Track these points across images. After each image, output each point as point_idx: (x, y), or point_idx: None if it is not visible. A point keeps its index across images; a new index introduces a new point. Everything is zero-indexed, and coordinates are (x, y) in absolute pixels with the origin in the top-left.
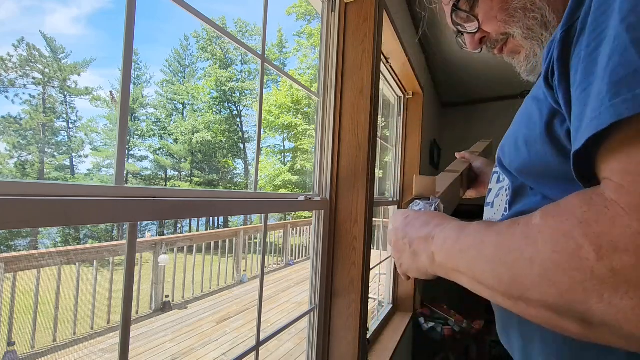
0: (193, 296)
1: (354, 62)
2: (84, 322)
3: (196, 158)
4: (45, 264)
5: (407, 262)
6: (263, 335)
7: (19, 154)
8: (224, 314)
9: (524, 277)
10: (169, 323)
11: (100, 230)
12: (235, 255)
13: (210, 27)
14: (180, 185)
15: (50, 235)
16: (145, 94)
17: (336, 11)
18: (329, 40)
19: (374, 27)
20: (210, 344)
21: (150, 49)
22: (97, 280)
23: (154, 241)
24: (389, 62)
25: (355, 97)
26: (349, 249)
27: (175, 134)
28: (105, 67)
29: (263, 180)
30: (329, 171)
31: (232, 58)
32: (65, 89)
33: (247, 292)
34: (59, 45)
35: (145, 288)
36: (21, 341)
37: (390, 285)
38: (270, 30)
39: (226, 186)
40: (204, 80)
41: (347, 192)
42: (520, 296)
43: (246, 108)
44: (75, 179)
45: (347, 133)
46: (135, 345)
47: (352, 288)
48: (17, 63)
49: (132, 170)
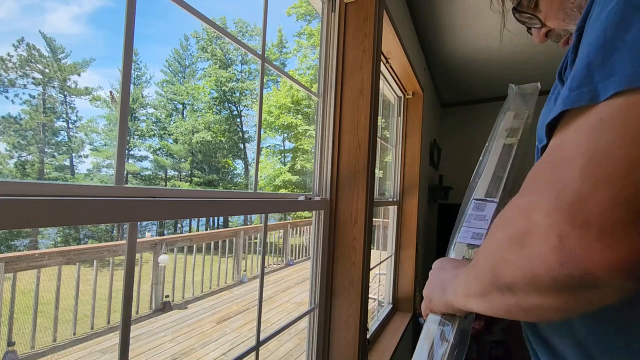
0: (193, 296)
1: (354, 62)
2: (84, 322)
3: (196, 158)
4: (45, 264)
5: (437, 296)
6: (263, 335)
7: (19, 154)
8: (224, 314)
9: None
10: (169, 323)
11: (100, 230)
12: (235, 255)
13: (210, 27)
14: (180, 185)
15: (50, 235)
16: (145, 94)
17: (336, 11)
18: (329, 40)
19: (374, 27)
20: (210, 344)
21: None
22: (97, 280)
23: (154, 241)
24: (389, 62)
25: (355, 97)
26: (349, 249)
27: (175, 134)
28: (105, 67)
29: (263, 180)
30: (329, 171)
31: (232, 58)
32: (65, 89)
33: (247, 292)
34: (58, 45)
35: (145, 288)
36: (21, 341)
37: (390, 285)
38: (270, 30)
39: (226, 186)
40: (204, 81)
41: (347, 192)
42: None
43: (246, 108)
44: (75, 179)
45: (347, 133)
46: (135, 345)
47: (352, 288)
48: (17, 63)
49: (132, 170)
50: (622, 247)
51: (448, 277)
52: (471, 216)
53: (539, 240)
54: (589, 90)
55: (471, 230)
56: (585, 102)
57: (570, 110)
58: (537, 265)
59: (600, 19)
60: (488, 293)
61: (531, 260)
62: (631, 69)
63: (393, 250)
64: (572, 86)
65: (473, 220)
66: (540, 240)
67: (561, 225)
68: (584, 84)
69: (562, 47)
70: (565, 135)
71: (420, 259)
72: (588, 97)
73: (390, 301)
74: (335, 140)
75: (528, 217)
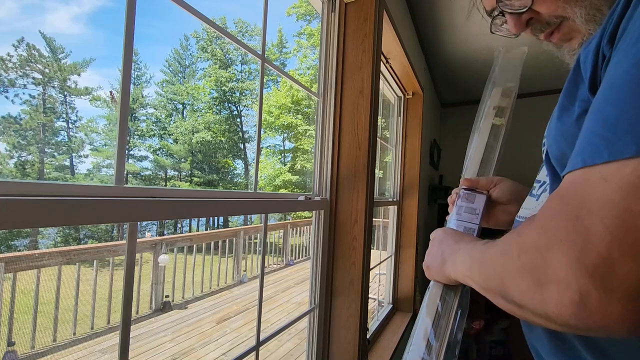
0: (193, 296)
1: (354, 62)
2: (84, 322)
3: (196, 158)
4: (45, 264)
5: (436, 267)
6: (263, 335)
7: (19, 154)
8: (224, 314)
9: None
10: (169, 323)
11: (100, 230)
12: (235, 256)
13: (210, 27)
14: (180, 185)
15: (50, 235)
16: (145, 94)
17: (336, 11)
18: (329, 40)
19: (374, 27)
20: (210, 344)
21: (150, 48)
22: (97, 280)
23: (154, 241)
24: (389, 62)
25: (355, 97)
26: (349, 249)
27: (175, 134)
28: (105, 67)
29: (263, 180)
30: (329, 171)
31: (232, 58)
32: (65, 89)
33: (247, 292)
34: (58, 45)
35: (145, 288)
36: (21, 341)
37: (390, 285)
38: (270, 30)
39: (226, 186)
40: (204, 81)
41: (347, 192)
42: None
43: (246, 108)
44: (75, 179)
45: (347, 133)
46: (135, 345)
47: (352, 288)
48: (17, 63)
49: (132, 170)
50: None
51: (448, 250)
52: (461, 208)
53: (558, 289)
54: (635, 138)
55: (463, 224)
56: (629, 155)
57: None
58: (552, 309)
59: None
60: (492, 294)
61: (546, 303)
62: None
63: (393, 250)
64: (610, 123)
65: (463, 213)
66: (560, 291)
67: (582, 283)
68: (626, 129)
69: (541, 40)
70: (591, 177)
71: (420, 259)
72: (634, 148)
73: (390, 301)
74: (335, 140)
75: (546, 260)
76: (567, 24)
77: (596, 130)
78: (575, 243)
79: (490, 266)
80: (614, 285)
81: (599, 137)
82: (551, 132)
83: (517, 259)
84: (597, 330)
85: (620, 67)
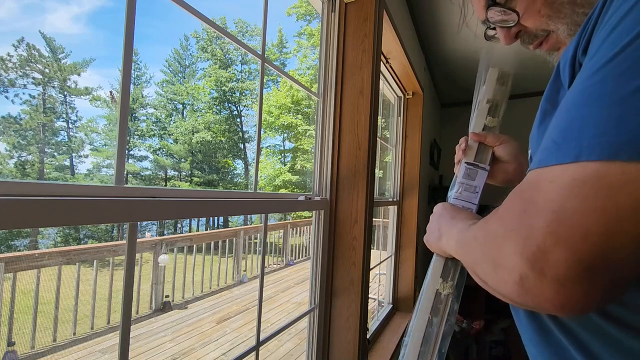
0: (193, 296)
1: (354, 62)
2: (84, 322)
3: (196, 158)
4: (45, 264)
5: (433, 240)
6: (263, 335)
7: (19, 154)
8: (224, 314)
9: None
10: (169, 323)
11: (100, 230)
12: (235, 256)
13: (210, 27)
14: (180, 185)
15: (50, 235)
16: (145, 94)
17: (336, 11)
18: (329, 40)
19: (374, 27)
20: (210, 344)
21: (150, 48)
22: (97, 280)
23: (154, 241)
24: (389, 62)
25: (355, 97)
26: (349, 249)
27: (175, 134)
28: (105, 67)
29: (263, 181)
30: (329, 171)
31: (232, 58)
32: (65, 89)
33: (247, 292)
34: (58, 45)
35: (145, 288)
36: (21, 341)
37: (390, 286)
38: (270, 31)
39: (226, 186)
40: (204, 81)
41: (347, 192)
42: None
43: (246, 108)
44: (75, 179)
45: (347, 133)
46: (135, 345)
47: (352, 288)
48: (17, 63)
49: (132, 170)
50: (567, 294)
51: (445, 226)
52: (461, 185)
53: (507, 272)
54: (577, 146)
55: (461, 202)
56: (569, 160)
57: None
58: (503, 289)
59: (612, 30)
60: (470, 272)
61: (500, 283)
62: (622, 136)
63: (393, 250)
64: (561, 130)
65: (463, 192)
66: (508, 273)
67: (523, 268)
68: (572, 137)
69: (531, 50)
70: (542, 177)
71: (420, 259)
72: (574, 153)
73: (390, 301)
74: (335, 140)
75: (500, 247)
76: (553, 36)
77: (552, 135)
78: (521, 233)
79: (468, 247)
80: (546, 271)
81: (552, 142)
82: (534, 136)
83: (483, 244)
84: (536, 307)
85: (579, 79)
